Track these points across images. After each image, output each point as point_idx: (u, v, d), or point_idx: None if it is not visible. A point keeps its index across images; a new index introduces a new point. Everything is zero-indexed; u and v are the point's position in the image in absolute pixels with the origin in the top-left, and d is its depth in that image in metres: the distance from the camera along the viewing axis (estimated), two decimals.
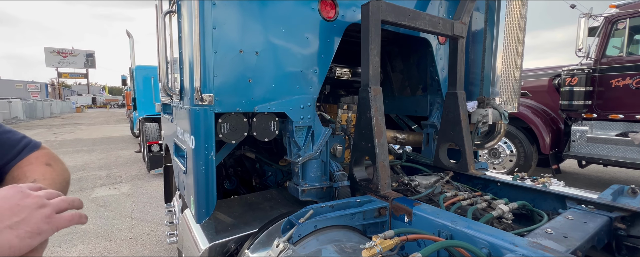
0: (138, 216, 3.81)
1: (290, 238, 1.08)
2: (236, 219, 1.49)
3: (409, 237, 1.01)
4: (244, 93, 1.31)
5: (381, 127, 1.41)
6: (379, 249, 0.93)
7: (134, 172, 6.04)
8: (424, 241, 1.04)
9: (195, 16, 1.16)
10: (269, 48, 1.34)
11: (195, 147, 1.26)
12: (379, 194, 1.37)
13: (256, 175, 2.37)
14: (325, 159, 1.59)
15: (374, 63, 1.40)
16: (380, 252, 0.92)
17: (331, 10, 1.51)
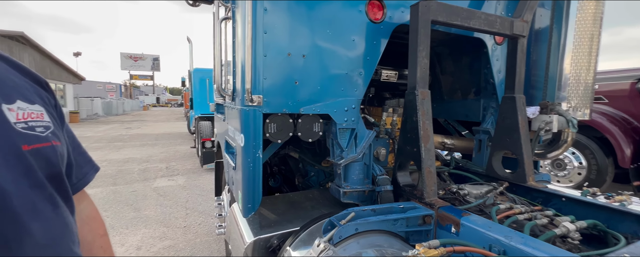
0: (191, 206, 4.14)
1: (331, 239, 1.09)
2: (279, 216, 1.54)
3: (456, 249, 0.96)
4: (291, 94, 1.36)
5: (428, 131, 1.35)
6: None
7: (189, 166, 6.58)
8: (473, 254, 0.98)
9: (248, 22, 1.24)
10: (316, 51, 1.38)
11: (245, 145, 1.33)
12: (423, 201, 1.31)
13: (299, 174, 2.42)
14: (368, 162, 1.57)
15: (422, 65, 1.36)
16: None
17: (379, 11, 1.50)
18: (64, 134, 0.64)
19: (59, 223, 0.55)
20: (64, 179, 0.58)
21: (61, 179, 0.58)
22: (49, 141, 0.55)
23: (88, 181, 0.72)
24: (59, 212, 0.55)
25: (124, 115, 24.63)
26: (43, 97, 0.62)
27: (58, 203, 0.55)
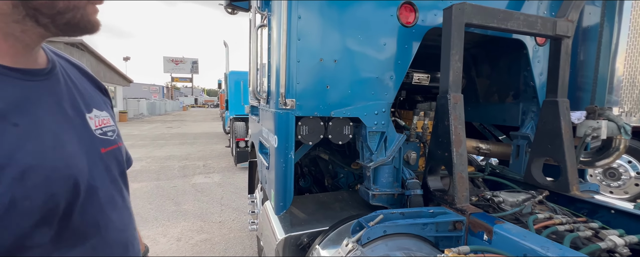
0: (226, 203, 4.35)
1: (359, 240, 1.12)
2: (309, 215, 1.59)
3: (486, 256, 0.94)
4: (322, 98, 1.40)
5: (460, 136, 1.33)
6: None
7: (224, 165, 6.90)
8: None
9: (283, 30, 1.31)
10: (347, 56, 1.41)
11: (278, 146, 1.40)
12: (454, 207, 1.29)
13: (329, 176, 2.47)
14: (398, 165, 1.57)
15: (455, 69, 1.34)
16: None
17: (410, 15, 1.50)
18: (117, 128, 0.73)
19: (127, 212, 0.65)
20: (127, 174, 0.69)
21: (126, 174, 0.68)
22: (117, 143, 0.66)
23: None
24: (126, 203, 0.66)
25: (165, 115, 26.37)
26: (106, 102, 0.72)
27: (125, 195, 0.66)
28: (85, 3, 0.51)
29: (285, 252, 1.43)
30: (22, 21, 0.47)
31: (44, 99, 0.52)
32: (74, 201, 0.51)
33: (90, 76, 0.72)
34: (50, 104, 0.53)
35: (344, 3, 1.38)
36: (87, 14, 0.52)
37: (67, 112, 0.56)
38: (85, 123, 0.59)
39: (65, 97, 0.57)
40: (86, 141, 0.57)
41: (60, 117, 0.54)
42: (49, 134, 0.50)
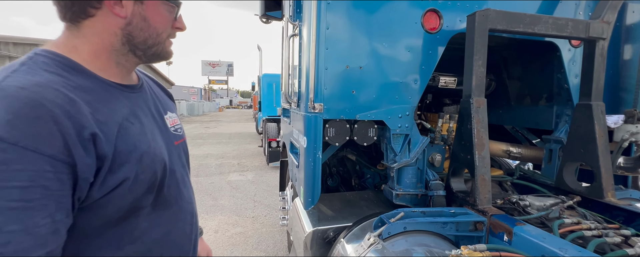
0: (259, 199, 4.59)
1: (381, 234, 1.21)
2: (335, 212, 1.70)
3: (502, 255, 0.99)
4: (348, 102, 1.50)
5: (483, 139, 1.36)
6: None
7: (257, 164, 7.22)
8: None
9: (312, 40, 1.43)
10: (372, 62, 1.50)
11: (307, 146, 1.53)
12: (476, 208, 1.33)
13: (356, 176, 2.56)
14: (422, 167, 1.62)
15: (478, 74, 1.37)
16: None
17: (435, 22, 1.55)
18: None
19: (191, 190, 0.87)
20: (189, 161, 0.89)
21: (189, 162, 0.89)
22: (183, 138, 0.85)
23: None
24: (190, 183, 0.86)
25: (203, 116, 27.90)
26: (172, 105, 0.92)
27: (189, 177, 0.86)
28: (165, 39, 0.72)
29: (312, 245, 1.55)
30: (126, 54, 0.69)
31: (141, 105, 0.73)
32: (163, 178, 0.71)
33: (161, 86, 0.94)
34: (144, 109, 0.73)
35: (369, 13, 1.47)
36: (165, 47, 0.73)
37: (154, 115, 0.76)
38: (164, 123, 0.79)
39: (151, 104, 0.77)
40: (166, 136, 0.77)
41: (151, 118, 0.74)
42: (148, 131, 0.70)
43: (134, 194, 0.63)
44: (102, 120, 0.58)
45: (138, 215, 0.66)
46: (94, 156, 0.56)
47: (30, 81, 0.52)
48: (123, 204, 0.62)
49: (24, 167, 0.48)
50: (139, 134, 0.66)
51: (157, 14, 0.69)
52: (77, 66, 0.61)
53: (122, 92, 0.68)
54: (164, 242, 0.72)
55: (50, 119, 0.50)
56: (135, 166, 0.62)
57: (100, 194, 0.58)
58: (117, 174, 0.59)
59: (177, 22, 0.73)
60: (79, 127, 0.53)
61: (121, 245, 0.64)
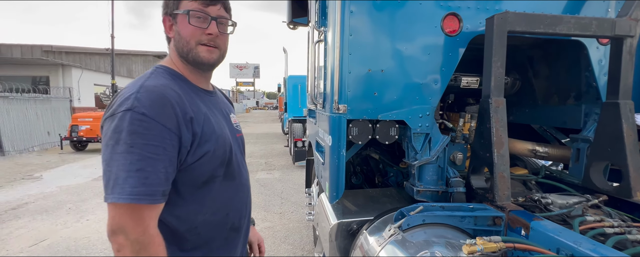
0: (286, 197, 4.78)
1: (400, 226, 1.30)
2: (359, 207, 1.80)
3: (516, 246, 1.05)
4: (370, 103, 1.60)
5: (502, 138, 1.41)
6: (480, 248, 1.02)
7: (283, 163, 7.45)
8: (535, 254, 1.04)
9: (337, 46, 1.55)
10: (393, 66, 1.59)
11: (332, 145, 1.65)
12: (495, 204, 1.38)
13: (379, 174, 2.64)
14: (443, 165, 1.69)
15: (496, 75, 1.42)
16: (480, 251, 1.02)
17: (454, 25, 1.61)
18: None
19: (247, 172, 1.09)
20: (244, 152, 1.12)
21: (244, 152, 1.12)
22: (241, 133, 1.11)
23: None
24: (246, 167, 1.09)
25: None
26: (233, 109, 1.16)
27: (245, 163, 1.09)
28: (194, 47, 0.88)
29: (337, 236, 1.66)
30: (185, 63, 0.93)
31: (215, 105, 0.99)
32: (229, 156, 0.93)
33: (226, 96, 1.18)
34: (217, 108, 0.99)
35: (390, 20, 1.56)
36: (197, 52, 0.89)
37: (224, 113, 1.02)
38: (229, 120, 1.04)
39: (222, 105, 1.04)
40: (231, 128, 1.01)
41: (221, 115, 0.99)
42: (220, 122, 0.94)
43: (212, 165, 0.87)
44: (195, 110, 0.84)
45: (214, 182, 0.89)
46: (191, 133, 0.81)
47: (158, 82, 0.82)
48: (205, 171, 0.86)
49: (157, 134, 0.74)
50: (216, 123, 0.90)
51: (184, 26, 0.87)
52: (176, 74, 0.91)
53: (204, 94, 0.95)
54: (228, 204, 0.95)
55: (170, 106, 0.77)
56: (214, 144, 0.86)
57: (192, 160, 0.82)
58: (202, 147, 0.83)
59: (208, 29, 0.87)
60: (183, 113, 0.80)
61: (203, 202, 0.87)
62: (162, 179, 0.75)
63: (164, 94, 0.78)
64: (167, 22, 0.90)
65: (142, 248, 0.71)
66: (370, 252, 1.41)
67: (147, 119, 0.73)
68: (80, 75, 12.33)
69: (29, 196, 4.90)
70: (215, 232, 0.90)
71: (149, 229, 0.73)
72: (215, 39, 0.90)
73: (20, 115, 9.33)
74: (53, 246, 3.19)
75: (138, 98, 0.75)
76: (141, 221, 0.72)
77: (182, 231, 0.84)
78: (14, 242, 3.25)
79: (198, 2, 0.86)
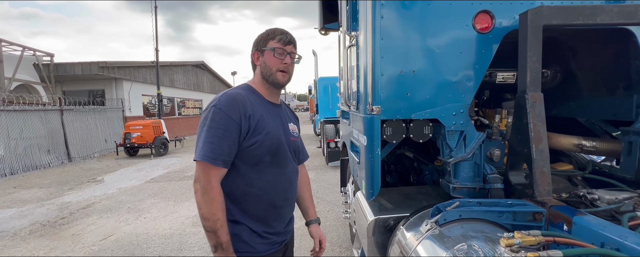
0: (320, 196, 4.90)
1: (437, 221, 1.34)
2: (394, 204, 1.86)
3: (556, 240, 1.06)
4: (403, 103, 1.66)
5: (540, 133, 1.40)
6: (519, 241, 1.05)
7: (317, 163, 7.60)
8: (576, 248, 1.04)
9: (369, 51, 1.63)
10: (425, 66, 1.63)
11: (367, 144, 1.73)
12: (535, 200, 1.37)
13: (413, 172, 2.66)
14: (479, 161, 1.69)
15: (532, 69, 1.41)
16: (519, 245, 1.04)
17: (486, 22, 1.61)
18: (300, 137, 1.47)
19: (296, 168, 1.37)
20: (298, 154, 1.42)
21: (297, 154, 1.41)
22: (296, 138, 1.39)
23: (303, 160, 1.53)
24: (296, 165, 1.38)
25: None
26: (294, 118, 1.44)
27: (295, 161, 1.38)
28: (275, 72, 1.25)
29: (374, 232, 1.73)
30: (265, 83, 1.29)
31: (277, 114, 1.30)
32: (277, 149, 1.22)
33: (289, 108, 1.47)
34: (277, 116, 1.29)
35: (420, 23, 1.61)
36: (276, 77, 1.26)
37: (282, 120, 1.31)
38: (286, 126, 1.33)
39: (282, 115, 1.34)
40: (285, 132, 1.30)
41: (280, 121, 1.30)
42: (275, 124, 1.25)
43: (261, 151, 1.17)
44: (255, 111, 1.17)
45: (262, 165, 1.19)
46: (248, 125, 1.14)
47: (235, 91, 1.19)
48: (256, 155, 1.17)
49: (224, 121, 1.10)
50: (270, 124, 1.21)
51: (270, 59, 1.24)
52: (252, 89, 1.28)
53: (269, 104, 1.28)
54: (272, 185, 1.23)
55: (237, 106, 1.12)
56: (263, 136, 1.17)
57: (246, 145, 1.15)
58: (255, 137, 1.15)
59: (284, 60, 1.24)
60: (245, 110, 1.14)
61: (252, 180, 1.19)
62: (224, 151, 1.09)
63: (235, 98, 1.14)
64: (256, 55, 1.27)
65: (205, 192, 1.08)
66: (407, 247, 1.47)
67: (221, 111, 1.11)
68: (130, 87, 13.52)
69: (95, 196, 5.52)
70: (258, 202, 1.20)
71: (211, 181, 1.08)
72: (288, 67, 1.26)
73: (82, 125, 10.46)
74: (119, 240, 3.59)
75: (220, 99, 1.14)
76: (207, 175, 1.08)
77: (236, 194, 1.18)
78: (87, 237, 3.72)
79: (280, 43, 1.24)
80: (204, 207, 1.07)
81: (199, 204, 1.08)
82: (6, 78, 9.72)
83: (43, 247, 3.48)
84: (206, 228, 1.08)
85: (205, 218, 1.07)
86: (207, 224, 1.07)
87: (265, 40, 1.25)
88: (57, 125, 9.53)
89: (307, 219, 1.56)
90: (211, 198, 1.07)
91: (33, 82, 11.24)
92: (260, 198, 1.20)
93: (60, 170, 8.31)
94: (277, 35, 1.24)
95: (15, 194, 5.90)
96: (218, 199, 1.09)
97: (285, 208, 1.30)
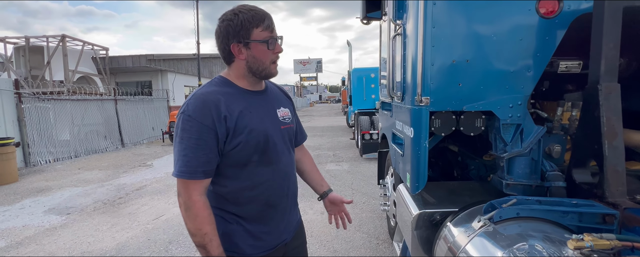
0: (356, 188, 4.91)
1: (491, 218, 1.28)
2: (438, 199, 1.80)
3: (635, 245, 0.96)
4: (454, 95, 1.58)
5: (615, 128, 1.26)
6: (590, 244, 0.97)
7: (351, 155, 7.59)
8: None
9: (420, 40, 1.56)
10: (479, 55, 1.54)
11: (414, 136, 1.68)
12: (605, 201, 1.25)
13: (458, 167, 2.55)
14: (537, 157, 1.58)
15: (608, 57, 1.27)
16: (590, 248, 0.96)
17: (552, 6, 1.47)
18: (295, 118, 1.33)
19: (290, 159, 1.24)
20: (292, 141, 1.28)
21: (292, 141, 1.27)
22: (290, 124, 1.24)
23: (301, 141, 1.45)
24: (291, 154, 1.25)
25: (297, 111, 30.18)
26: (288, 102, 1.30)
27: (290, 150, 1.25)
28: (269, 65, 1.11)
29: (418, 226, 1.70)
30: (251, 76, 1.12)
31: (259, 103, 1.14)
32: (266, 145, 1.10)
33: (283, 90, 1.33)
34: (260, 106, 1.14)
35: (477, 8, 1.51)
36: (270, 69, 1.12)
37: (268, 108, 1.17)
38: (275, 114, 1.18)
39: (268, 101, 1.18)
40: (273, 122, 1.16)
41: (265, 110, 1.15)
42: (259, 117, 1.11)
43: (246, 151, 1.07)
44: (231, 109, 1.04)
45: (251, 165, 1.09)
46: (225, 127, 1.02)
47: (204, 89, 1.06)
48: (242, 156, 1.07)
49: (197, 129, 0.98)
50: (250, 119, 1.08)
51: (260, 52, 1.08)
52: (228, 82, 1.12)
53: (250, 95, 1.13)
54: (264, 184, 1.13)
55: (208, 109, 0.99)
56: (246, 135, 1.05)
57: (229, 148, 1.04)
58: (236, 138, 1.04)
59: (276, 49, 1.10)
60: (218, 113, 1.00)
61: (242, 182, 1.10)
62: (201, 162, 1.00)
63: (204, 100, 1.01)
64: (236, 48, 1.07)
65: (188, 208, 1.01)
66: (456, 244, 1.42)
67: (191, 119, 0.99)
68: (174, 78, 14.37)
69: (146, 179, 6.01)
70: (252, 204, 1.13)
71: (192, 196, 1.01)
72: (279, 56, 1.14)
73: (133, 114, 11.37)
74: (169, 220, 3.90)
75: (188, 103, 1.02)
76: (187, 190, 1.01)
77: (228, 197, 1.11)
78: (142, 216, 4.08)
79: (267, 31, 1.07)
80: (189, 223, 1.00)
81: (184, 219, 1.02)
82: (70, 70, 10.78)
83: (105, 222, 3.88)
84: (195, 243, 1.02)
85: (192, 234, 1.01)
86: (195, 239, 1.01)
87: (247, 29, 1.04)
88: (112, 114, 10.45)
89: (321, 191, 1.46)
90: (194, 214, 1.00)
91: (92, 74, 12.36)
92: (254, 199, 1.12)
93: (115, 154, 9.13)
94: (261, 22, 1.05)
95: (79, 174, 6.60)
96: (202, 213, 1.00)
97: (283, 204, 1.21)
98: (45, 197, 5.06)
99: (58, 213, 4.28)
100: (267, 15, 1.07)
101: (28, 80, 9.64)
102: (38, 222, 3.96)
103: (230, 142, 1.03)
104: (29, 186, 5.79)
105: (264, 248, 1.15)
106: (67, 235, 3.56)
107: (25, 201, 4.89)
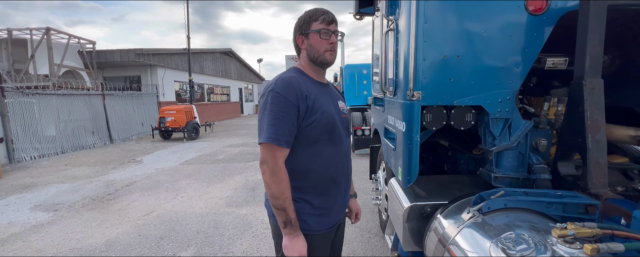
0: None
1: (480, 209, 1.32)
2: (429, 192, 1.84)
3: (615, 233, 1.01)
4: (445, 89, 1.61)
5: (598, 122, 1.31)
6: (573, 232, 1.01)
7: None
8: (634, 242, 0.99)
9: (412, 34, 1.58)
10: (470, 51, 1.57)
11: (405, 131, 1.71)
12: (588, 192, 1.31)
13: (448, 161, 2.60)
14: (524, 151, 1.63)
15: (592, 54, 1.32)
16: (573, 236, 1.01)
17: (541, 3, 1.51)
18: None
19: (348, 144, 1.41)
20: (349, 129, 1.47)
21: (349, 128, 1.49)
22: (347, 114, 1.41)
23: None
24: (348, 140, 1.40)
25: None
26: (341, 96, 1.47)
27: (348, 137, 1.41)
28: (323, 53, 1.28)
29: (410, 219, 1.74)
30: (312, 64, 1.32)
31: (326, 93, 1.33)
32: (332, 127, 1.26)
33: (336, 88, 1.50)
34: (327, 95, 1.33)
35: (467, 5, 1.53)
36: (325, 57, 1.29)
37: (332, 99, 1.35)
38: (337, 104, 1.36)
39: (332, 94, 1.38)
40: (337, 110, 1.33)
41: (330, 100, 1.33)
42: (328, 103, 1.29)
43: (318, 129, 1.22)
44: (310, 91, 1.22)
45: (320, 143, 1.24)
46: (305, 105, 1.19)
47: (288, 75, 1.24)
48: (313, 134, 1.22)
49: (283, 103, 1.15)
50: (323, 103, 1.26)
51: (316, 41, 1.26)
52: (301, 71, 1.31)
53: (319, 84, 1.32)
54: (330, 161, 1.28)
55: (293, 88, 1.17)
56: (320, 115, 1.22)
57: (305, 124, 1.20)
58: (313, 116, 1.21)
59: (330, 40, 1.27)
60: (301, 92, 1.18)
61: (313, 156, 1.24)
62: (285, 132, 1.15)
63: (290, 81, 1.19)
64: (300, 39, 1.29)
65: (274, 173, 1.14)
66: (446, 235, 1.46)
67: (278, 95, 1.16)
68: (163, 73, 14.12)
69: (136, 175, 5.92)
70: (319, 178, 1.26)
71: (278, 162, 1.15)
72: (334, 46, 1.29)
73: (121, 109, 11.14)
74: (160, 216, 3.86)
75: (275, 83, 1.20)
76: (273, 156, 1.14)
77: (299, 171, 1.24)
78: (132, 212, 4.03)
79: (323, 24, 1.25)
80: (273, 187, 1.13)
81: (268, 184, 1.15)
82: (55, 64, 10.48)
83: (95, 219, 3.82)
84: (276, 206, 1.15)
85: (275, 197, 1.14)
86: (277, 202, 1.14)
87: (308, 23, 1.27)
88: (100, 109, 10.22)
89: None
90: (280, 179, 1.14)
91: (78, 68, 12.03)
92: (320, 174, 1.26)
93: (104, 150, 8.96)
94: (319, 16, 1.26)
95: (66, 171, 6.46)
96: (285, 178, 1.16)
97: (343, 183, 1.36)
98: (31, 193, 4.94)
99: (45, 210, 4.19)
100: (326, 12, 1.27)
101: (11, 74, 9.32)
102: (24, 219, 3.87)
103: (307, 119, 1.19)
104: (13, 182, 5.64)
105: (327, 225, 1.30)
106: (55, 232, 3.49)
107: (9, 197, 4.77)
